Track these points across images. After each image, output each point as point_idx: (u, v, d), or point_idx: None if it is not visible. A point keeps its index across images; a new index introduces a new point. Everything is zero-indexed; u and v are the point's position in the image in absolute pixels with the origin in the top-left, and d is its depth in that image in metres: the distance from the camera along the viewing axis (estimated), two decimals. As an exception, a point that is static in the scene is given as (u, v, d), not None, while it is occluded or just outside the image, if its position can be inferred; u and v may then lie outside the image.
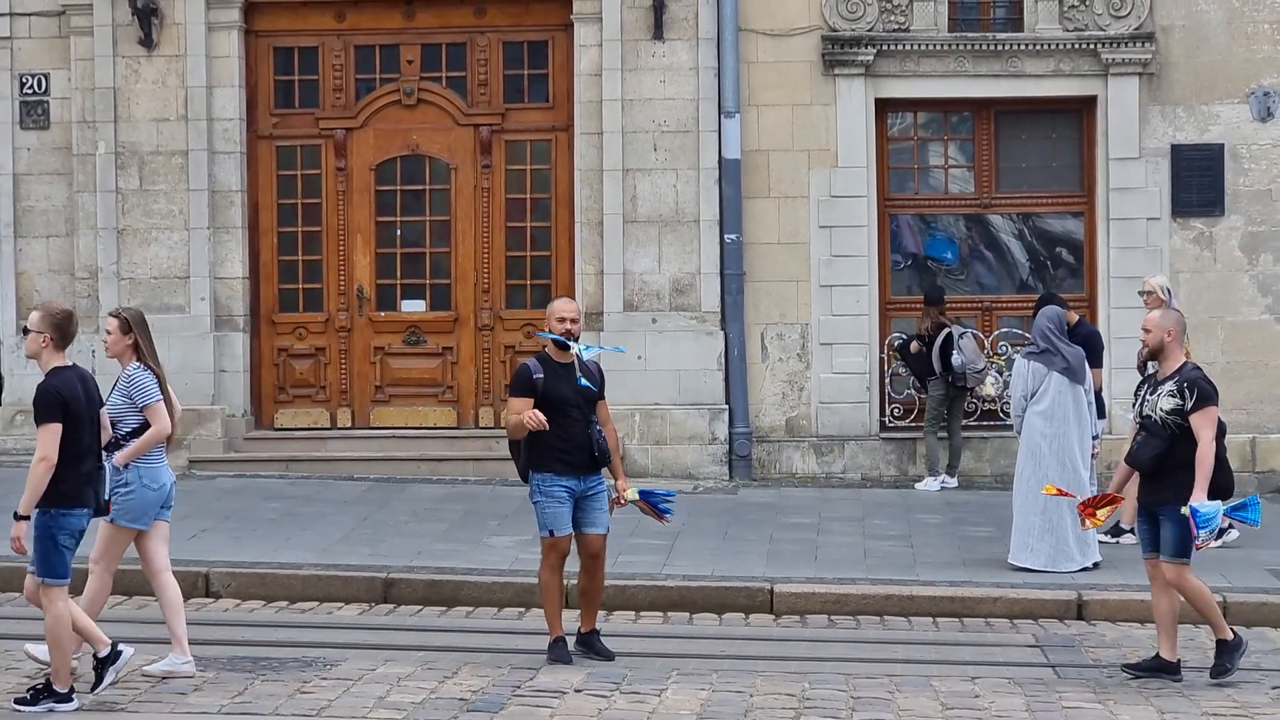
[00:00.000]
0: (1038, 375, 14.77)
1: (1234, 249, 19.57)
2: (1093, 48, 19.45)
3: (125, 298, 19.53)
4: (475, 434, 19.87)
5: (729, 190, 19.51)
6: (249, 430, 19.92)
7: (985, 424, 19.58)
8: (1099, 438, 15.39)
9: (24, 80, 20.01)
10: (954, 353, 18.90)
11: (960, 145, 20.21)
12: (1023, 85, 19.64)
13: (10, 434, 19.64)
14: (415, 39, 20.12)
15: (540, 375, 11.75)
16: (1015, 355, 16.64)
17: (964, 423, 19.44)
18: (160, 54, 19.72)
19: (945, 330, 19.08)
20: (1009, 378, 16.57)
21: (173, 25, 19.70)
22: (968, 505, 18.15)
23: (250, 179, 20.03)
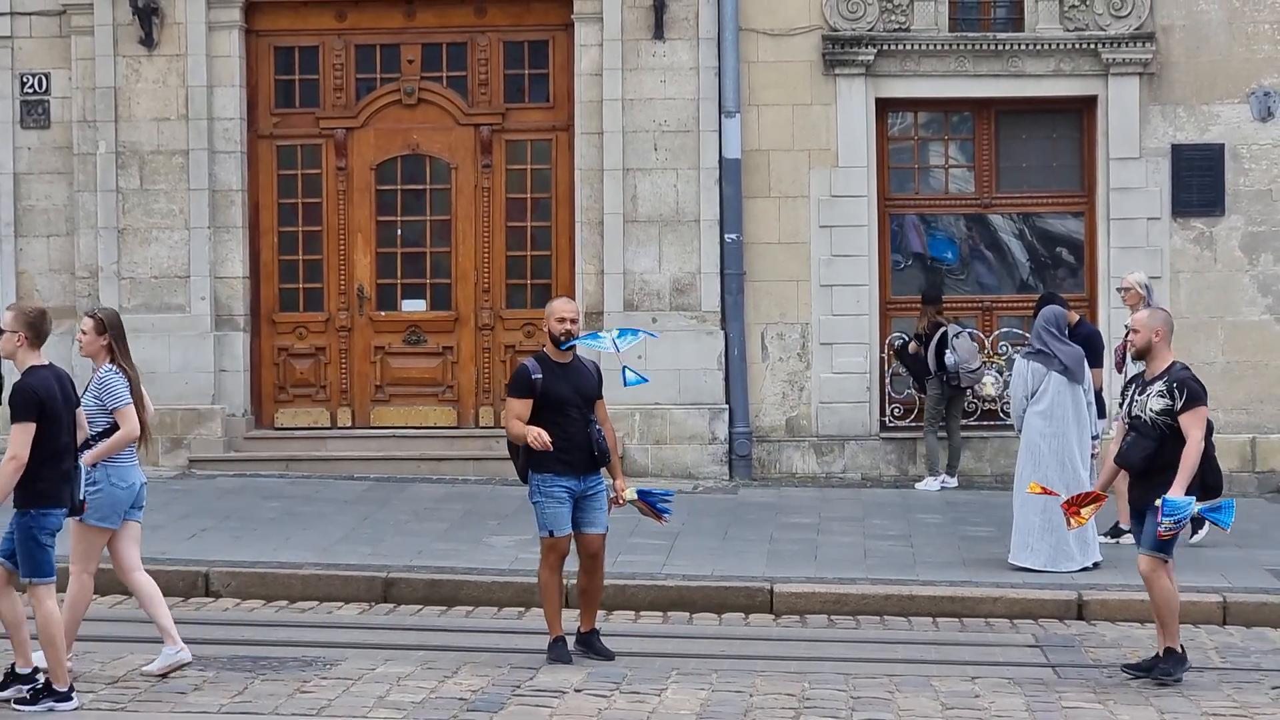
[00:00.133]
0: (1037, 375, 14.77)
1: (1234, 249, 19.56)
2: (1093, 47, 19.44)
3: (126, 297, 19.54)
4: (475, 434, 19.87)
5: (729, 190, 19.50)
6: (249, 430, 19.92)
7: (985, 424, 19.56)
8: (1099, 437, 15.34)
9: (25, 79, 20.00)
10: (947, 352, 18.89)
11: (960, 145, 20.20)
12: (1023, 85, 19.64)
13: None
14: (416, 38, 20.12)
15: (539, 375, 11.74)
16: (1015, 355, 16.63)
17: (964, 422, 19.43)
18: (161, 53, 19.72)
19: (941, 330, 19.08)
20: (1009, 377, 16.56)
21: (173, 25, 19.70)
22: (968, 505, 18.14)
23: (251, 178, 20.03)
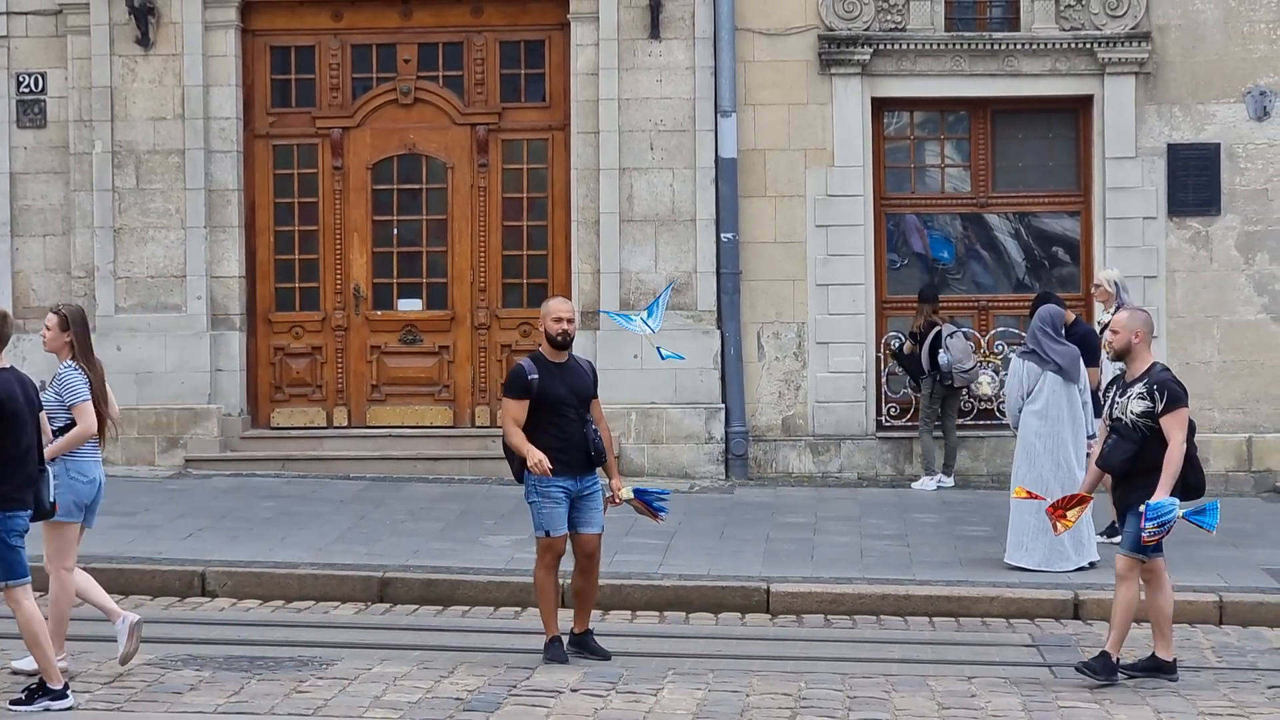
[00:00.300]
0: (1033, 375, 14.77)
1: (1230, 248, 19.57)
2: (1089, 47, 19.45)
3: (122, 296, 19.56)
4: (471, 433, 19.86)
5: (725, 189, 19.50)
6: (245, 429, 19.92)
7: (981, 423, 19.55)
8: (1094, 437, 15.34)
9: (21, 79, 19.99)
10: (940, 351, 18.89)
11: (957, 144, 20.20)
12: (1019, 85, 19.64)
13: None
14: (412, 38, 20.12)
15: (535, 376, 11.74)
16: (1011, 354, 16.63)
17: (960, 422, 19.43)
18: (157, 53, 19.71)
19: (936, 329, 19.08)
20: (1005, 377, 16.56)
21: (169, 24, 19.69)
22: (964, 505, 18.13)
23: (247, 178, 20.02)
